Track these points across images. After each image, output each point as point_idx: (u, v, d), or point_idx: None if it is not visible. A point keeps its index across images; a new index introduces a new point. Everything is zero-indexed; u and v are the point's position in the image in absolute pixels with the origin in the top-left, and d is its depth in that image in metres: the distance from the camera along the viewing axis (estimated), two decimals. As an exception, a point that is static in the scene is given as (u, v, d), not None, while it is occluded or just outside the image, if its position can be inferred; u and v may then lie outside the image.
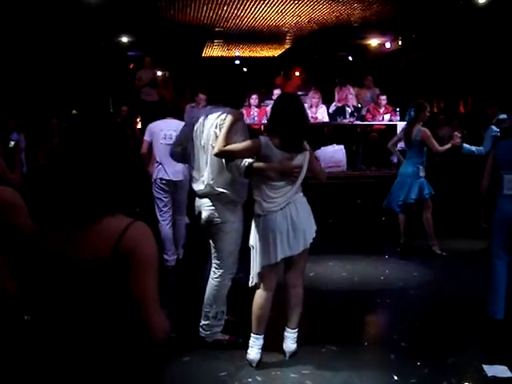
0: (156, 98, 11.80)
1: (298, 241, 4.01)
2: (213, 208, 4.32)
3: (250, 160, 4.02)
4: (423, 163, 7.14)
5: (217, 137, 4.15)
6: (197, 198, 4.47)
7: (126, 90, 12.98)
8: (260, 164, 4.00)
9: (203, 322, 4.46)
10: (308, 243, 4.06)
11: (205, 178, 4.32)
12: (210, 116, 4.33)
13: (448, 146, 7.16)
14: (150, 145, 6.66)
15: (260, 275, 4.09)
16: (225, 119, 4.16)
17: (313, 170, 4.22)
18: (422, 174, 7.12)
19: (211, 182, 4.28)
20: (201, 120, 4.37)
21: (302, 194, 4.15)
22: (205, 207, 4.37)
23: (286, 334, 4.26)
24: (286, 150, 3.99)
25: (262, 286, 4.11)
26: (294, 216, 3.99)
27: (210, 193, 4.31)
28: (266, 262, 4.02)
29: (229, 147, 4.03)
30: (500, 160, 4.90)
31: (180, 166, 6.14)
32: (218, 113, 4.27)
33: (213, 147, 4.17)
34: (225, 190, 4.26)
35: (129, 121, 11.09)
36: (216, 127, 4.21)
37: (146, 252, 1.93)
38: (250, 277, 4.13)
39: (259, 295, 4.12)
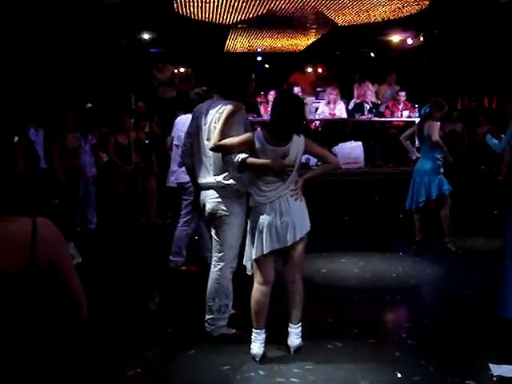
0: (173, 95, 11.88)
1: (285, 234, 4.01)
2: (218, 200, 4.35)
3: (243, 155, 4.04)
4: (440, 159, 7.07)
5: None
6: (201, 192, 4.50)
7: (148, 86, 13.07)
8: (253, 160, 4.02)
9: (207, 317, 4.49)
10: (297, 237, 4.05)
11: (210, 170, 4.36)
12: (210, 111, 4.36)
13: (447, 149, 7.06)
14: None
15: (254, 269, 4.13)
16: (222, 112, 4.18)
17: (317, 154, 4.26)
18: (442, 170, 7.05)
19: (218, 176, 4.31)
20: (203, 114, 4.41)
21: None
22: (209, 199, 4.40)
23: (289, 329, 4.27)
24: (273, 139, 4.00)
25: (258, 280, 4.14)
26: (283, 210, 4.00)
27: (216, 185, 4.34)
28: (255, 255, 4.06)
29: (223, 141, 4.08)
30: None
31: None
32: (219, 106, 4.29)
33: None
34: (230, 182, 4.28)
35: (148, 117, 11.17)
36: (215, 122, 4.24)
37: (62, 249, 1.95)
38: (247, 266, 4.18)
39: (256, 290, 4.16)
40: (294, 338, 4.26)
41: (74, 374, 2.57)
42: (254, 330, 4.16)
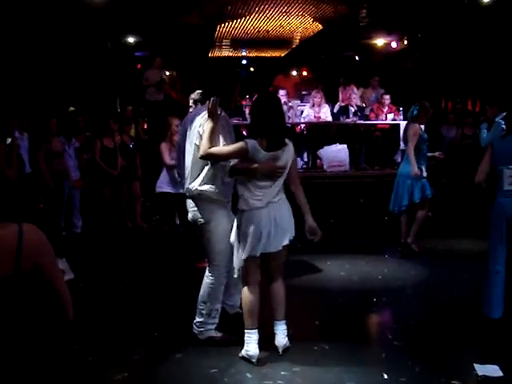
0: (161, 98, 11.85)
1: (278, 239, 4.11)
2: (195, 209, 4.39)
3: (234, 160, 4.07)
4: (423, 163, 7.10)
5: (200, 136, 4.20)
6: (186, 199, 4.53)
7: (133, 90, 13.04)
8: (244, 165, 4.05)
9: (197, 320, 4.49)
10: (286, 242, 4.15)
11: (187, 178, 4.38)
12: (197, 117, 4.38)
13: (414, 162, 7.02)
14: None
15: (244, 271, 4.16)
16: (207, 119, 4.20)
17: (292, 170, 4.22)
18: (424, 174, 7.08)
19: (192, 182, 4.34)
20: (189, 120, 4.44)
21: (284, 195, 4.20)
22: (190, 208, 4.46)
23: (275, 327, 4.30)
24: (271, 149, 4.06)
25: (248, 281, 4.18)
26: (277, 216, 4.07)
27: (191, 193, 4.36)
28: (247, 254, 4.08)
29: (215, 150, 4.11)
30: (499, 155, 4.80)
31: None
32: (204, 112, 4.31)
33: (197, 146, 4.22)
34: (205, 190, 4.29)
35: (134, 121, 11.15)
36: (200, 126, 4.25)
37: (48, 254, 1.97)
38: (234, 269, 4.20)
39: (247, 290, 4.19)
40: (281, 337, 4.28)
41: (60, 378, 2.56)
42: (248, 330, 4.17)
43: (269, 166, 4.03)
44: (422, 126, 7.27)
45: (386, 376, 3.94)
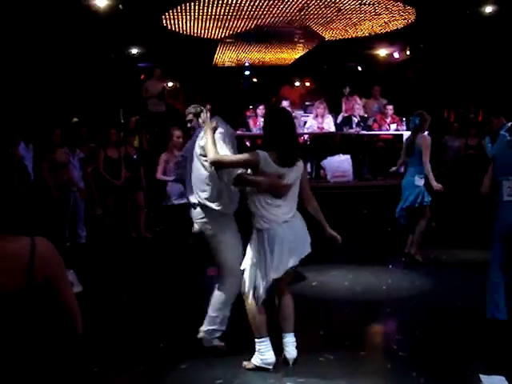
0: (163, 109, 11.91)
1: (296, 256, 4.11)
2: (204, 220, 4.40)
3: (240, 170, 4.07)
4: (421, 172, 7.11)
5: (201, 147, 4.25)
6: (191, 210, 4.54)
7: (137, 101, 13.10)
8: (251, 176, 4.07)
9: (208, 327, 4.47)
10: (302, 258, 4.16)
11: (193, 189, 4.42)
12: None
13: (432, 176, 7.04)
14: None
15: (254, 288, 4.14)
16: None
17: (303, 185, 4.26)
18: (417, 183, 7.09)
19: (197, 194, 4.37)
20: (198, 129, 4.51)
21: (298, 212, 4.20)
22: (196, 220, 4.46)
23: (284, 339, 4.28)
24: (282, 164, 4.06)
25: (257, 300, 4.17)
26: (293, 233, 4.08)
27: (198, 204, 4.39)
28: (274, 276, 4.06)
29: (224, 158, 4.12)
30: (500, 167, 4.84)
31: None
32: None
33: (198, 157, 4.29)
34: (209, 203, 4.32)
35: (138, 131, 11.20)
36: (201, 138, 4.31)
37: (59, 267, 1.99)
38: (248, 291, 4.17)
39: (254, 303, 4.16)
40: (291, 348, 4.27)
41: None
42: (261, 339, 4.17)
43: (273, 181, 4.01)
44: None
45: (391, 387, 3.94)
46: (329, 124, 10.71)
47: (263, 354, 4.16)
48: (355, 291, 6.33)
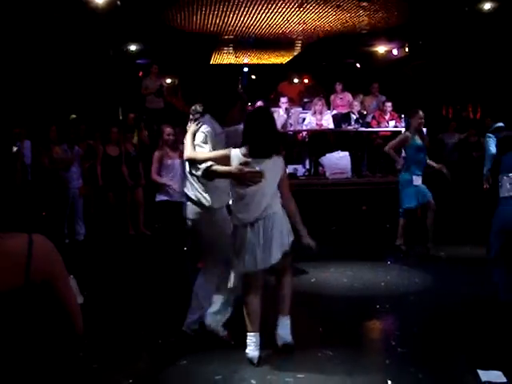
0: (161, 106, 11.90)
1: (275, 253, 4.12)
2: (193, 214, 4.53)
3: (210, 163, 4.18)
4: (419, 171, 7.15)
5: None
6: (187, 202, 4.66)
7: (135, 97, 13.10)
8: (217, 167, 4.16)
9: (210, 310, 4.62)
10: (278, 258, 4.13)
11: (190, 184, 4.54)
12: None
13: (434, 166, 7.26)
14: None
15: (246, 279, 4.25)
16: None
17: (282, 185, 4.24)
18: (415, 182, 7.14)
19: (189, 189, 4.53)
20: None
21: (278, 210, 4.20)
22: (189, 213, 4.58)
23: (278, 322, 4.35)
24: (252, 155, 4.11)
25: (249, 290, 4.25)
26: (267, 231, 4.10)
27: (189, 199, 4.52)
28: (245, 269, 4.18)
29: (198, 154, 4.29)
30: (502, 165, 4.92)
31: None
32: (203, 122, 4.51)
33: None
34: (199, 197, 4.45)
35: (136, 128, 11.20)
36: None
37: (57, 265, 1.98)
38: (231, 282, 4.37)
39: (248, 295, 4.25)
40: (283, 332, 4.33)
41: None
42: (250, 333, 4.22)
43: (239, 169, 4.06)
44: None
45: (389, 382, 3.94)
46: (327, 121, 10.72)
47: (247, 347, 4.23)
48: (354, 287, 6.35)
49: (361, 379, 4.03)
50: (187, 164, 4.50)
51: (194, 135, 4.38)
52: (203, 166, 4.18)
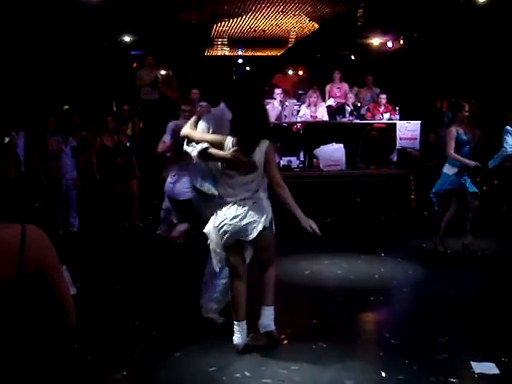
0: (155, 97, 11.86)
1: (250, 228, 4.17)
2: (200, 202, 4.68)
3: (206, 145, 4.28)
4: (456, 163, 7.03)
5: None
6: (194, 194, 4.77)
7: (129, 89, 13.04)
8: (213, 150, 4.27)
9: (215, 295, 4.69)
10: (258, 231, 4.17)
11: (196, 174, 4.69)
12: None
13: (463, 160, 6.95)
14: None
15: (228, 266, 4.36)
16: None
17: (269, 169, 4.26)
18: (445, 170, 7.04)
19: (199, 180, 4.63)
20: None
21: (264, 196, 4.30)
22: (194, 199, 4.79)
23: (261, 311, 4.36)
24: (240, 146, 4.23)
25: (232, 274, 4.35)
26: (247, 209, 4.17)
27: (200, 190, 4.62)
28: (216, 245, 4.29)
29: (196, 134, 4.44)
30: None
31: None
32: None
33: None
34: (210, 188, 4.55)
35: (131, 120, 11.17)
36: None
37: (50, 255, 1.97)
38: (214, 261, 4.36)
39: (232, 284, 4.34)
40: (264, 320, 4.35)
41: (59, 377, 2.57)
42: (235, 321, 4.28)
43: (233, 155, 4.19)
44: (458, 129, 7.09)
45: (383, 374, 3.96)
46: (322, 113, 10.70)
47: (234, 335, 4.28)
48: (348, 279, 6.36)
49: (355, 371, 4.04)
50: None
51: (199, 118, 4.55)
52: (199, 146, 4.29)
